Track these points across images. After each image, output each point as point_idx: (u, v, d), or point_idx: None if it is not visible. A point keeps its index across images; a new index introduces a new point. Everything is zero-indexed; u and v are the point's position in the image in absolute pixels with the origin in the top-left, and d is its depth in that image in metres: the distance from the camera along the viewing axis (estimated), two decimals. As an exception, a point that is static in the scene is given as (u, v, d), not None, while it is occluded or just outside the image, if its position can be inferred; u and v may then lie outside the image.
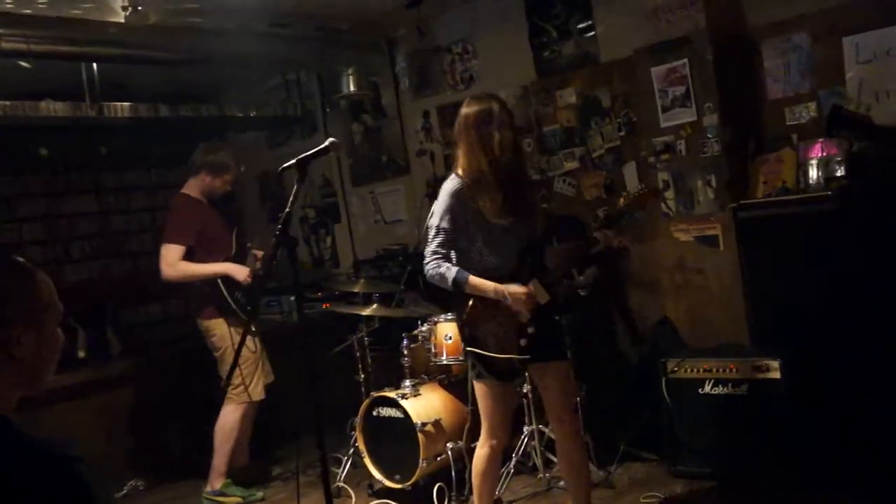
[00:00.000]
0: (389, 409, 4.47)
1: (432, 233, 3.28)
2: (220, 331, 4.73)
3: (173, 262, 4.61)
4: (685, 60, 4.57)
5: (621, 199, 3.47)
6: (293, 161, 2.90)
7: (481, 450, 3.45)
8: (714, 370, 4.08)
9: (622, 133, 5.12)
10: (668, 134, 4.71)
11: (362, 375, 4.94)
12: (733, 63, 4.55)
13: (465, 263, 3.27)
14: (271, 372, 4.98)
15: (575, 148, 5.36)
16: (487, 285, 3.21)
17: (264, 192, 7.77)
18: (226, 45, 5.45)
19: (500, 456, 3.53)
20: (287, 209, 2.83)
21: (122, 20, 4.77)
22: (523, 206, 3.31)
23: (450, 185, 3.27)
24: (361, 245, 6.89)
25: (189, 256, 4.66)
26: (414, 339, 4.71)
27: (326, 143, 3.00)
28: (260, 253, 4.91)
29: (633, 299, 5.13)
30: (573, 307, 4.48)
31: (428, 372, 4.74)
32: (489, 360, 3.25)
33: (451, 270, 3.20)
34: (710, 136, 4.54)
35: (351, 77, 6.06)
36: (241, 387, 4.74)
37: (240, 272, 4.71)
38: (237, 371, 4.69)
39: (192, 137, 7.09)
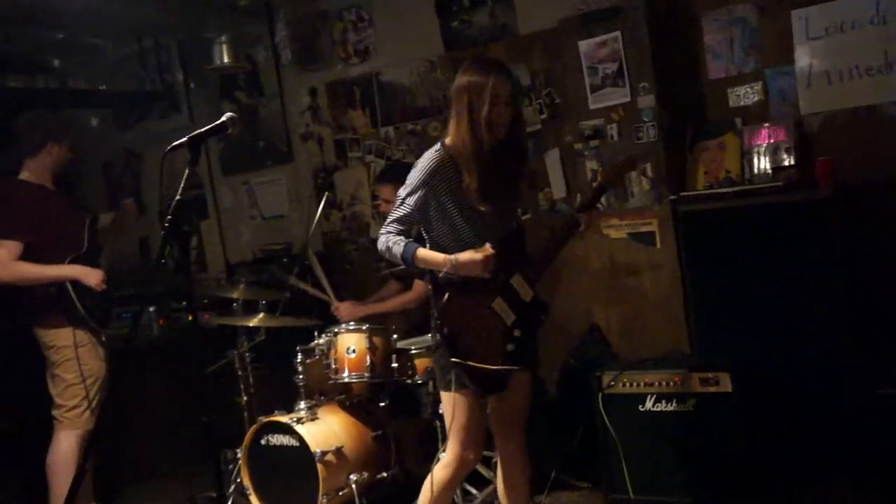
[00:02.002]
0: (281, 436, 4.30)
1: (397, 203, 3.26)
2: (62, 341, 4.47)
3: (6, 261, 4.30)
4: (617, 33, 4.61)
5: (599, 175, 3.56)
6: (184, 139, 2.78)
7: (444, 471, 3.37)
8: (656, 384, 4.11)
9: (544, 116, 5.14)
10: (597, 117, 4.74)
11: (244, 398, 4.75)
12: (671, 37, 4.64)
13: (446, 249, 3.23)
14: None
15: (488, 132, 5.33)
16: (437, 257, 3.19)
17: (110, 182, 7.40)
18: (67, 1, 5.14)
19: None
20: (178, 196, 2.68)
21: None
22: (509, 192, 3.30)
23: (430, 157, 3.24)
24: (234, 245, 6.70)
25: (29, 253, 4.36)
26: (310, 353, 4.56)
27: (224, 118, 2.91)
28: (130, 203, 4.79)
29: (557, 304, 5.12)
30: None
31: (325, 392, 4.60)
32: (475, 371, 3.19)
33: (399, 244, 3.19)
34: (645, 119, 4.60)
35: (224, 47, 5.84)
36: (79, 409, 4.50)
37: (91, 276, 4.44)
38: (74, 391, 4.47)
39: (23, 114, 6.70)
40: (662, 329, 4.65)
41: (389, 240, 3.22)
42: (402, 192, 3.26)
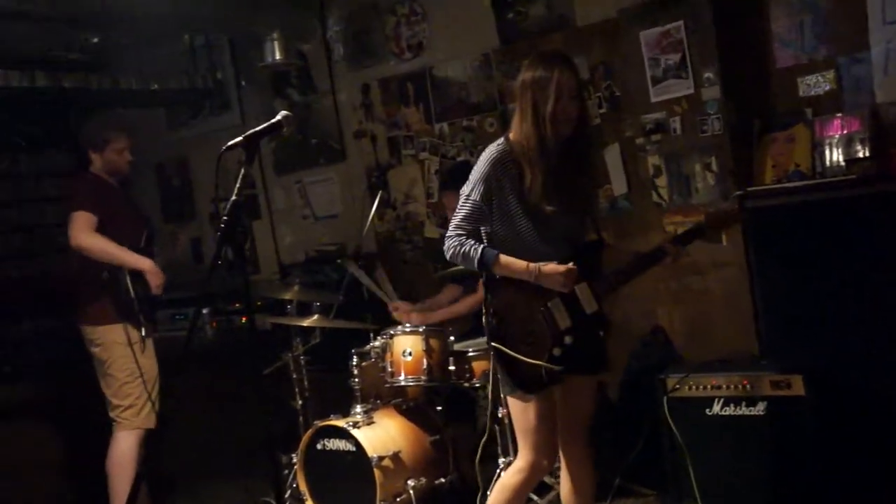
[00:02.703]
0: (337, 440, 4.34)
1: (460, 201, 3.25)
2: (112, 338, 4.56)
3: (86, 228, 4.45)
4: (680, 23, 4.57)
5: (703, 216, 3.54)
6: (240, 139, 2.81)
7: (515, 477, 3.38)
8: (724, 387, 4.04)
9: (603, 110, 5.11)
10: (659, 110, 4.71)
11: (300, 402, 4.80)
12: (736, 25, 4.57)
13: (506, 248, 3.22)
14: None
15: (546, 127, 5.31)
16: (519, 264, 3.18)
17: (163, 184, 7.52)
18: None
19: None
20: (233, 197, 2.72)
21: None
22: (573, 194, 3.27)
23: (493, 150, 3.24)
24: (287, 246, 6.75)
25: None
26: (365, 355, 4.59)
27: (279, 116, 2.94)
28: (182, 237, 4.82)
29: (618, 305, 5.06)
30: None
31: (381, 395, 4.63)
32: (512, 363, 3.20)
33: (476, 249, 3.18)
34: (710, 111, 4.55)
35: (275, 43, 5.90)
36: (135, 408, 4.59)
37: (156, 277, 4.57)
38: (128, 390, 4.56)
39: (75, 114, 6.84)
40: (730, 330, 4.58)
41: (463, 244, 3.20)
42: (466, 188, 3.25)
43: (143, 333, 4.61)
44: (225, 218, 2.71)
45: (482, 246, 3.19)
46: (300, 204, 6.68)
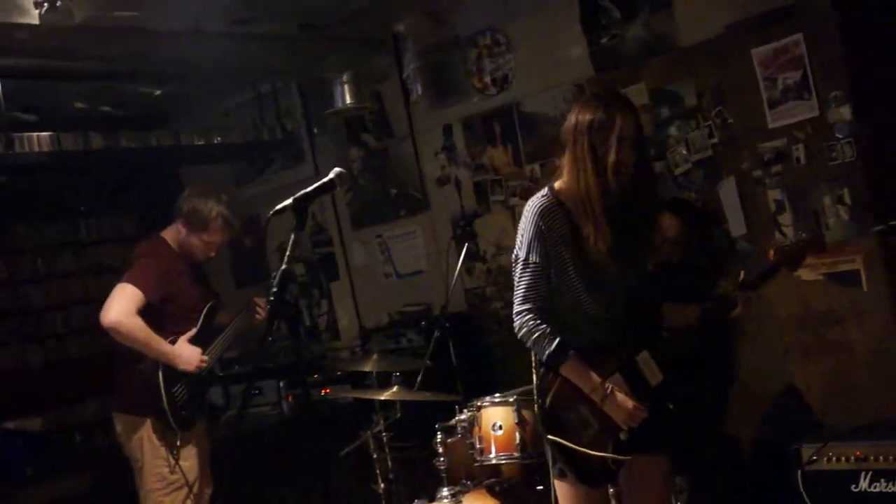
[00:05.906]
0: (423, 529, 4.28)
1: (519, 268, 3.22)
2: (137, 433, 4.47)
3: (127, 308, 4.33)
4: (798, 36, 4.52)
5: (771, 252, 3.47)
6: (289, 201, 2.85)
7: None
8: (872, 458, 3.91)
9: (714, 140, 5.01)
10: (779, 137, 4.67)
11: (382, 484, 4.75)
12: (867, 35, 4.43)
13: (558, 301, 3.21)
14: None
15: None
16: (590, 377, 3.14)
17: (233, 245, 7.64)
18: (176, 49, 5.39)
19: None
20: (283, 265, 2.75)
21: (36, 21, 4.67)
22: (635, 246, 3.25)
23: (537, 201, 3.21)
24: (368, 308, 6.79)
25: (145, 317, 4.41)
26: (450, 431, 4.53)
27: (332, 174, 2.97)
28: (262, 301, 4.77)
29: (742, 360, 4.96)
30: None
31: (471, 476, 4.54)
32: (575, 455, 3.14)
33: (551, 341, 3.14)
34: (839, 136, 4.47)
35: (345, 86, 6.00)
36: None
37: (187, 359, 4.46)
38: (157, 497, 4.48)
39: (136, 176, 7.05)
40: (876, 389, 4.46)
41: (537, 327, 3.16)
42: (519, 252, 3.21)
43: (179, 442, 4.47)
44: (274, 290, 2.71)
45: (558, 339, 3.13)
46: (381, 260, 6.72)
